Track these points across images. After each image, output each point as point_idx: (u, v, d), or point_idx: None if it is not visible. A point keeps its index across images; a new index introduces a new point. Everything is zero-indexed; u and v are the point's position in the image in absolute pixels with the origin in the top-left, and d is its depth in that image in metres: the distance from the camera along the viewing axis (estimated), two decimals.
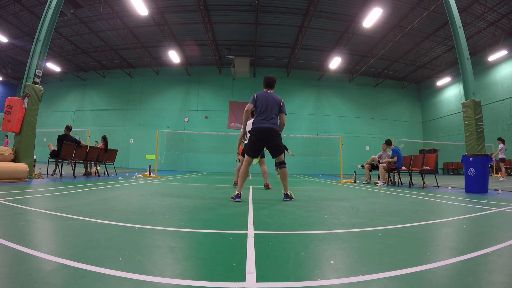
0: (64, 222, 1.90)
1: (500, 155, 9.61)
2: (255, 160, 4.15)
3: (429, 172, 9.29)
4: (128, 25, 14.88)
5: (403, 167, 7.41)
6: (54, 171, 7.14)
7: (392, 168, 7.42)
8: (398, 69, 19.01)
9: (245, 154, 3.65)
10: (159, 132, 9.08)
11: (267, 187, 5.40)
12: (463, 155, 5.75)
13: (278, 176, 4.30)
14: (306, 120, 19.51)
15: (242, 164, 3.79)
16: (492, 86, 15.32)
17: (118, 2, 12.89)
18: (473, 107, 5.78)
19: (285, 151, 11.13)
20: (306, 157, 17.92)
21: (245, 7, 13.21)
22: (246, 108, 3.61)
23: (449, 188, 6.29)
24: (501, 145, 9.71)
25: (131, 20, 14.39)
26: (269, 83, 3.78)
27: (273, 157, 3.68)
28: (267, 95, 3.65)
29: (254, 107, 3.61)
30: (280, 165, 3.70)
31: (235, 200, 3.34)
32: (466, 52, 6.08)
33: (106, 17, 13.64)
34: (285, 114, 3.74)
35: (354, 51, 16.95)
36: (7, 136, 15.54)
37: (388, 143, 7.79)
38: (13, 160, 5.46)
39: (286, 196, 3.59)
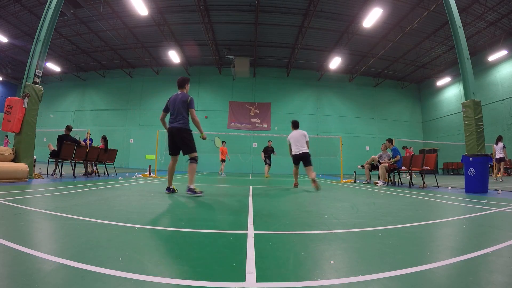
0: (64, 222, 1.90)
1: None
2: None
3: (429, 172, 9.28)
4: (128, 25, 14.88)
5: (403, 167, 7.42)
6: (54, 171, 7.14)
7: (393, 168, 7.43)
8: (398, 69, 19.01)
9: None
10: (159, 132, 9.07)
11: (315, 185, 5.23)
12: (463, 155, 5.75)
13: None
14: (306, 120, 19.49)
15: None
16: (492, 86, 15.31)
17: (118, 2, 12.89)
18: (473, 107, 5.78)
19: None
20: None
21: (245, 7, 13.21)
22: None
23: (449, 188, 6.29)
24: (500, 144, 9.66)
25: (131, 20, 14.39)
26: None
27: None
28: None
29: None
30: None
31: None
32: (466, 52, 6.08)
33: (106, 17, 13.63)
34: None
35: (354, 51, 16.95)
36: (7, 136, 15.53)
37: (391, 141, 7.78)
38: (13, 160, 5.46)
39: None
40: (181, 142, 3.83)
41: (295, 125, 6.02)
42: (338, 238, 1.68)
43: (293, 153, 5.86)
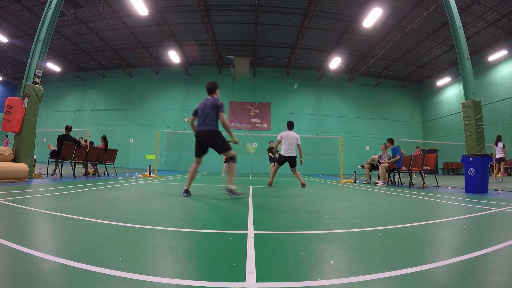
0: (64, 222, 1.90)
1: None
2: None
3: (429, 172, 9.28)
4: (128, 25, 14.88)
5: (403, 167, 7.41)
6: (54, 171, 7.14)
7: (392, 168, 7.42)
8: (398, 69, 19.01)
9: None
10: (159, 132, 9.08)
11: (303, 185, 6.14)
12: (463, 155, 5.75)
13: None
14: (306, 120, 19.51)
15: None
16: (492, 86, 15.32)
17: (118, 2, 12.89)
18: (473, 107, 5.78)
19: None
20: (306, 157, 17.72)
21: (245, 7, 13.21)
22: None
23: (449, 188, 6.29)
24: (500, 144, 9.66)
25: (131, 20, 14.40)
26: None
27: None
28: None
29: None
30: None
31: None
32: (466, 52, 6.08)
33: (106, 17, 13.64)
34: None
35: (354, 51, 16.95)
36: (7, 136, 15.54)
37: (391, 141, 7.77)
38: (13, 160, 5.46)
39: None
40: (213, 144, 3.85)
41: (291, 126, 6.41)
42: (338, 238, 1.68)
43: (282, 153, 6.23)
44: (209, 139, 3.84)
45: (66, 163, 7.09)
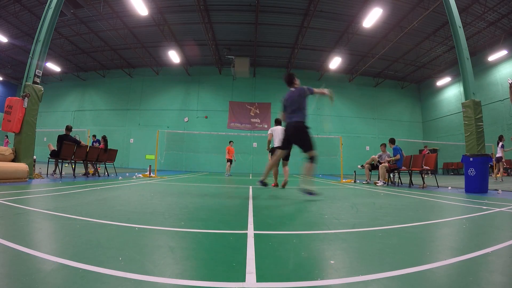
0: (64, 222, 1.90)
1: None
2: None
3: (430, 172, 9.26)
4: (128, 25, 14.88)
5: (403, 167, 7.41)
6: (54, 171, 7.14)
7: (392, 168, 7.42)
8: (398, 69, 19.01)
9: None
10: (159, 132, 9.08)
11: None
12: (463, 155, 5.75)
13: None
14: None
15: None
16: (492, 86, 15.32)
17: (118, 2, 12.89)
18: (473, 107, 5.78)
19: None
20: None
21: (245, 7, 13.21)
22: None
23: (449, 188, 6.29)
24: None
25: (131, 20, 14.39)
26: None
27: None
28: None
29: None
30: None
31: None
32: (466, 52, 6.08)
33: (106, 17, 13.64)
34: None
35: (354, 51, 16.95)
36: (7, 136, 15.54)
37: (392, 141, 7.76)
38: (13, 160, 5.46)
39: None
40: (298, 139, 3.70)
41: (278, 122, 6.56)
42: (338, 238, 1.68)
43: (276, 145, 6.29)
44: (297, 134, 3.68)
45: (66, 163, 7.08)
